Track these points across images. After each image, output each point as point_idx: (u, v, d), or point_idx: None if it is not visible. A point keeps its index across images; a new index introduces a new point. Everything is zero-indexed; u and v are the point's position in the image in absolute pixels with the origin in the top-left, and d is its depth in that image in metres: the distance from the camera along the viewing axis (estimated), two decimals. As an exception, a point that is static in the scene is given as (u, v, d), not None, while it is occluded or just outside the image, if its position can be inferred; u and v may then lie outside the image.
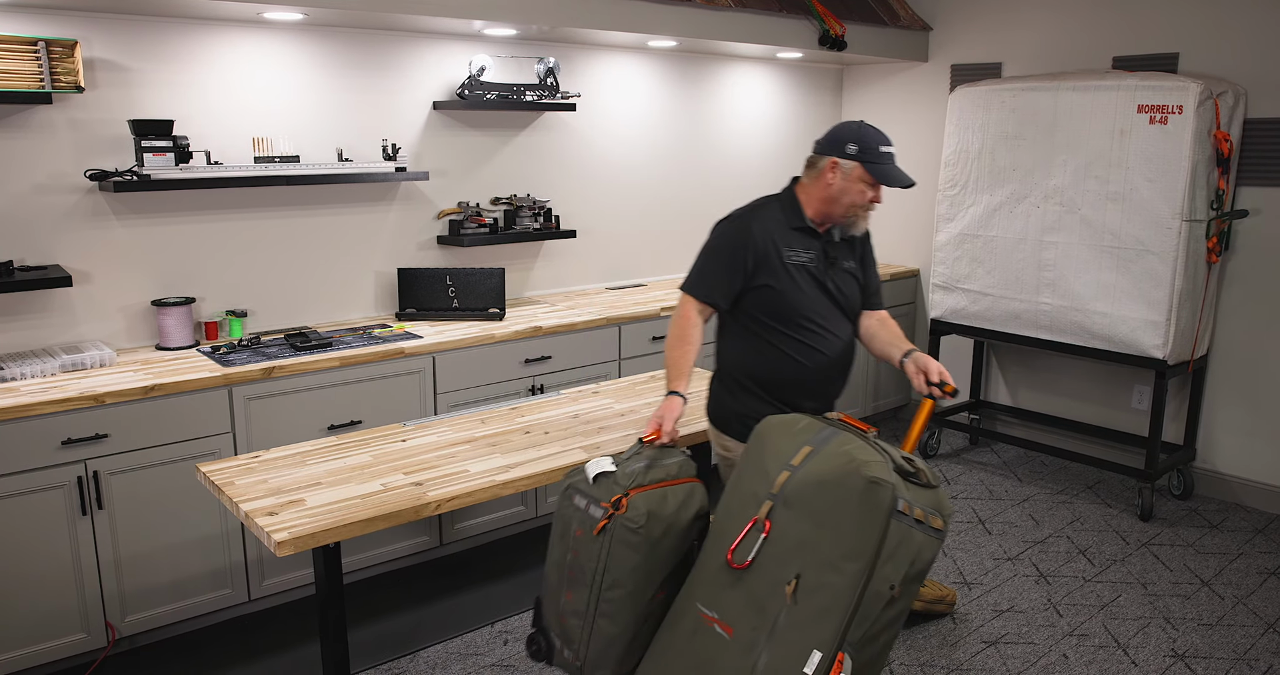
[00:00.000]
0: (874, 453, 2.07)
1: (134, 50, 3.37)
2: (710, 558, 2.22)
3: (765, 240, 2.62)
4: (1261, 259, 4.31)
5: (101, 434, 2.97)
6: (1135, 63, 4.55)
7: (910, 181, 2.60)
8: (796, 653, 1.99)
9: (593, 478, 2.33)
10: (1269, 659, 3.19)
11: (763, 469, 2.19)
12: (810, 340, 2.65)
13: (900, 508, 2.00)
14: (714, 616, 2.14)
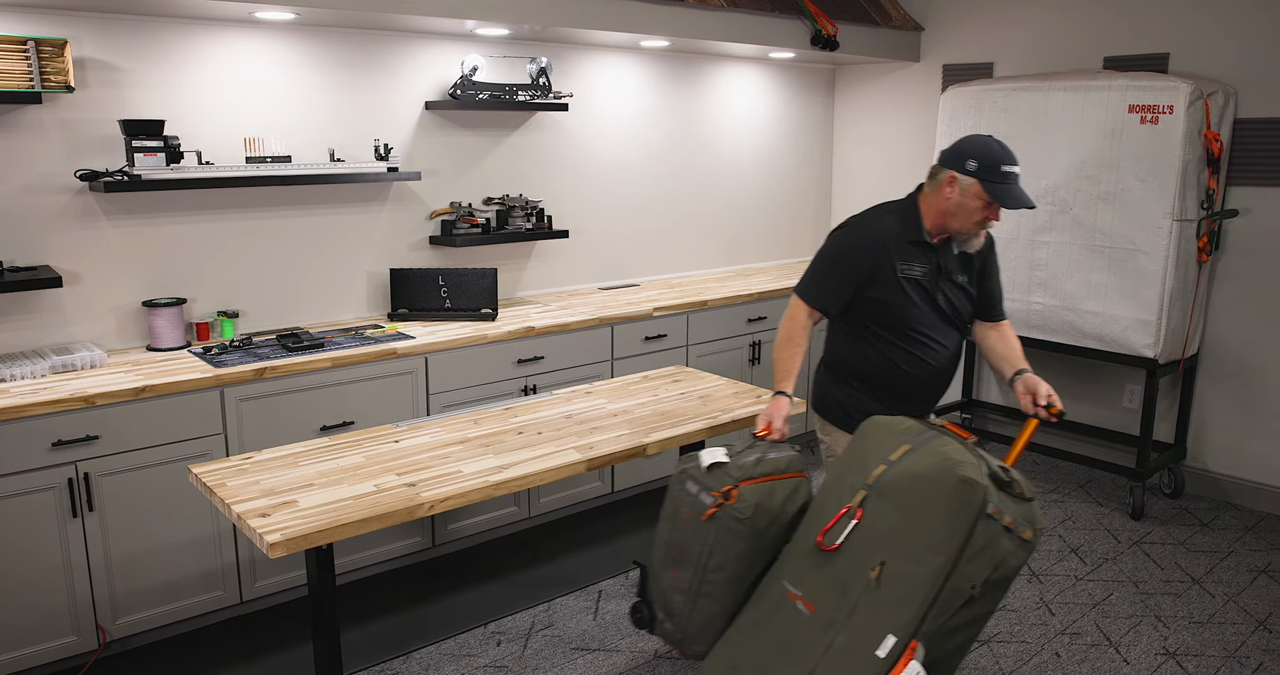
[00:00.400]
0: (970, 456, 2.15)
1: (124, 50, 3.36)
2: (802, 539, 2.34)
3: (880, 253, 2.62)
4: (1251, 258, 4.33)
5: (92, 435, 2.95)
6: (1126, 63, 4.57)
7: (1031, 204, 2.55)
8: (872, 635, 2.07)
9: (706, 466, 2.43)
10: (1259, 656, 3.20)
11: (862, 462, 2.29)
12: (917, 350, 2.68)
13: (990, 511, 2.07)
14: (798, 594, 2.25)
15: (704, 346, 4.58)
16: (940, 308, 2.67)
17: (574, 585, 3.67)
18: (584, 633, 3.34)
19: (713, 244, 5.45)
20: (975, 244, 2.64)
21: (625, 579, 3.73)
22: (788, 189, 5.79)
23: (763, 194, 5.65)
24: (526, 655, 3.20)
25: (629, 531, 4.16)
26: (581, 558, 3.91)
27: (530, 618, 3.45)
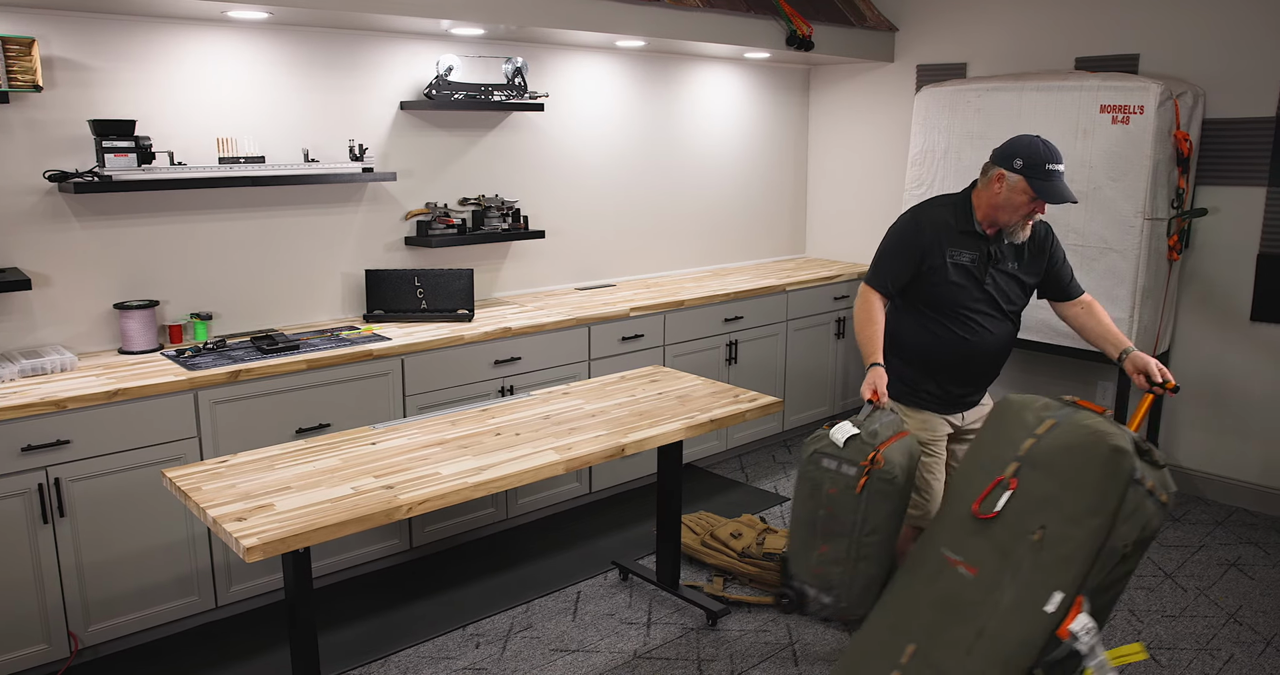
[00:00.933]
0: (1116, 427, 2.33)
1: (94, 49, 3.32)
2: (952, 510, 2.53)
3: (932, 239, 2.89)
4: (1220, 256, 4.39)
5: (63, 440, 2.91)
6: (1097, 63, 4.62)
7: (1073, 198, 2.79)
8: (1039, 592, 2.25)
9: (844, 442, 2.63)
10: (1230, 648, 3.24)
11: (1008, 437, 2.47)
12: (962, 330, 2.92)
13: (1137, 477, 2.24)
14: (958, 559, 2.44)
15: (681, 346, 4.59)
16: (989, 293, 2.91)
17: (553, 586, 3.67)
18: (563, 634, 3.34)
19: (689, 244, 5.46)
20: (1021, 235, 2.88)
21: (604, 579, 3.73)
22: (763, 189, 5.81)
23: (738, 194, 5.66)
24: (506, 657, 3.19)
25: (607, 532, 4.15)
26: (560, 559, 3.90)
27: (509, 619, 3.44)
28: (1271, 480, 4.32)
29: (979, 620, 2.33)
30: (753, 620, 3.43)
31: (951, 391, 3.02)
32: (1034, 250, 2.97)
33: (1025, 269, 2.97)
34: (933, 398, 3.02)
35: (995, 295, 2.92)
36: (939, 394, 3.01)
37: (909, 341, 3.01)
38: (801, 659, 3.19)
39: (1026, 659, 2.25)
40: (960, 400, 3.05)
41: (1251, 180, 4.26)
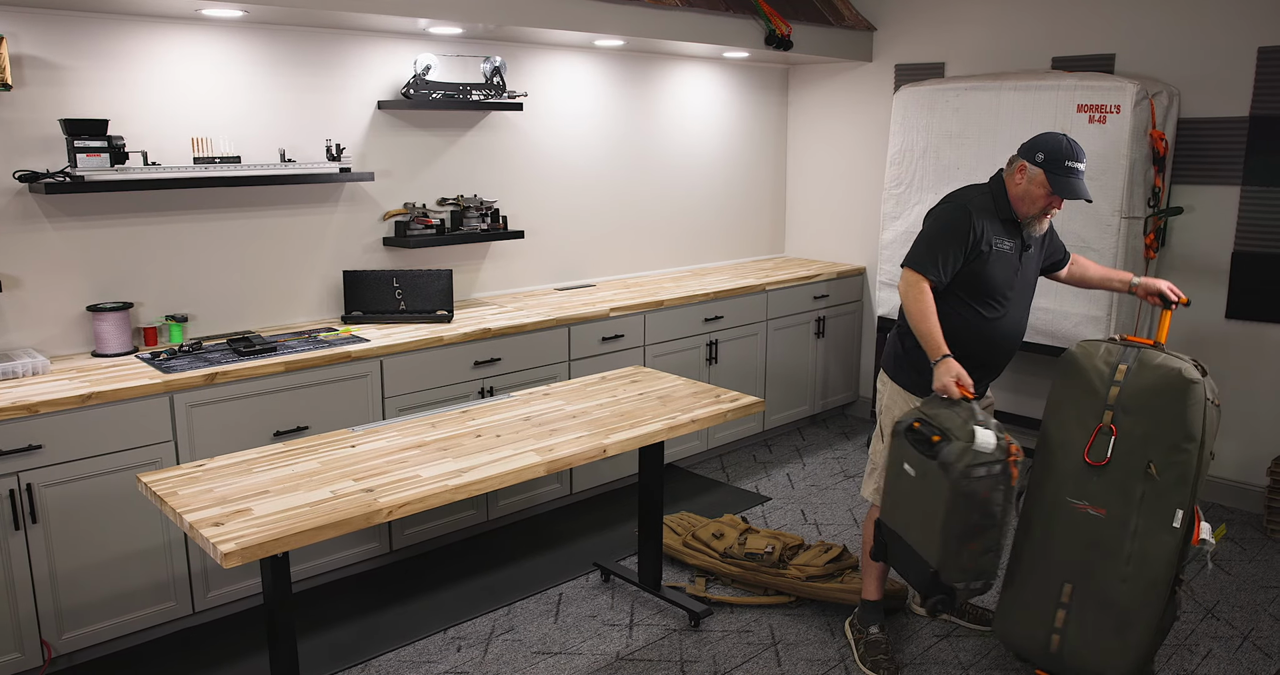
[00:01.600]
0: (1181, 360, 2.77)
1: (65, 47, 3.27)
2: (1062, 463, 2.92)
3: (981, 227, 2.94)
4: (1195, 255, 4.42)
5: (35, 445, 2.86)
6: (1074, 63, 4.65)
7: (1088, 197, 2.90)
8: (1163, 514, 2.76)
9: (994, 446, 2.70)
10: (1208, 643, 3.27)
11: (1090, 389, 2.88)
12: (990, 313, 2.99)
13: (1209, 397, 2.74)
14: (1084, 504, 2.87)
15: (661, 346, 4.58)
16: (1022, 278, 3.02)
17: (534, 588, 3.65)
18: (545, 636, 3.32)
19: (668, 244, 5.45)
20: (1039, 229, 2.98)
21: (585, 581, 3.71)
22: (742, 188, 5.81)
23: (718, 193, 5.66)
24: (487, 660, 3.17)
25: (589, 533, 4.14)
26: (541, 560, 3.88)
27: (490, 622, 3.42)
28: (1247, 476, 4.36)
29: (1123, 550, 2.80)
30: (735, 621, 3.43)
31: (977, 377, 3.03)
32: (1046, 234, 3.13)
33: (1041, 254, 3.13)
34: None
35: (1025, 281, 3.05)
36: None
37: (952, 327, 2.97)
38: (784, 659, 3.18)
39: (1171, 570, 2.78)
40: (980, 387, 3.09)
41: (1226, 179, 4.30)
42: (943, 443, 2.70)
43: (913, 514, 2.83)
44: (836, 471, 4.91)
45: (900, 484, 2.87)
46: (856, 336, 5.71)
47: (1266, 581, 3.72)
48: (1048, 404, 3.04)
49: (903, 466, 2.84)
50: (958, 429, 2.70)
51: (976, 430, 2.68)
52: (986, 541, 2.74)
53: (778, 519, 4.32)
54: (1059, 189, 2.85)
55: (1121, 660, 2.83)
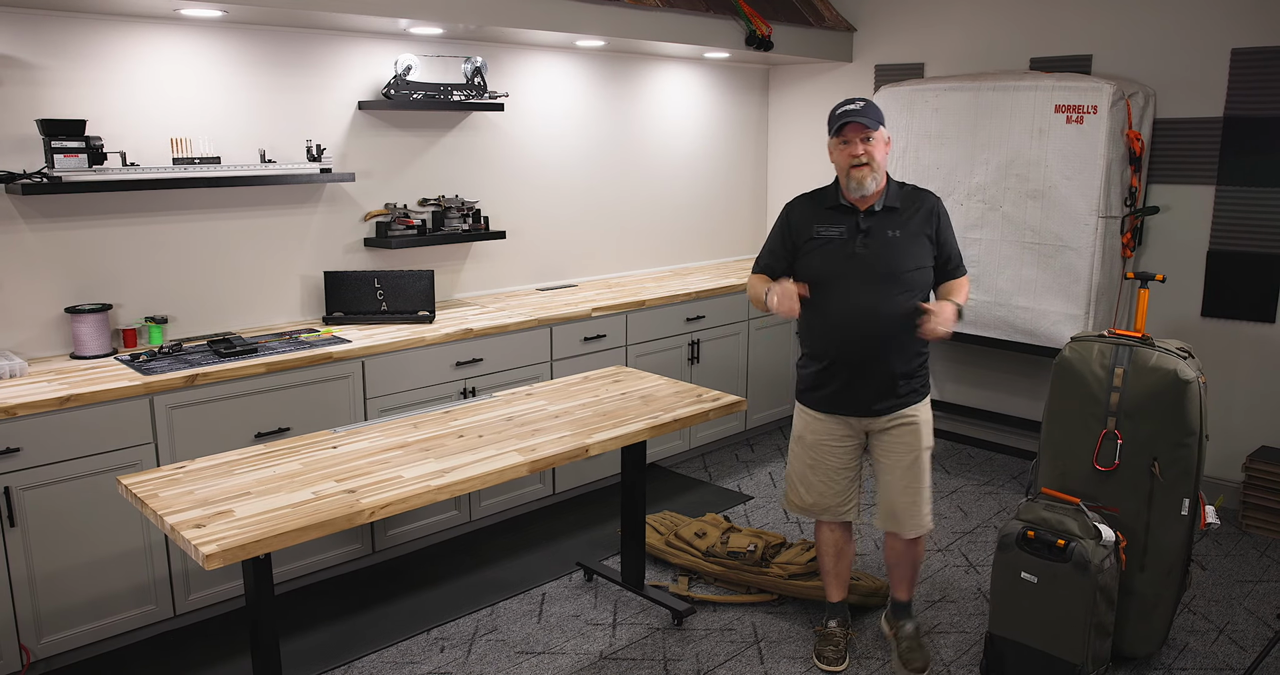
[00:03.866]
0: (1174, 358, 2.91)
1: (42, 47, 3.24)
2: (1075, 468, 3.07)
3: (799, 217, 2.99)
4: (1171, 253, 4.47)
5: (13, 448, 2.84)
6: (1051, 64, 4.69)
7: (853, 111, 2.82)
8: (1172, 505, 2.95)
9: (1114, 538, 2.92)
10: (1184, 637, 3.30)
11: (1090, 396, 3.03)
12: (829, 305, 2.93)
13: (1200, 388, 2.89)
14: (1099, 505, 2.99)
15: (643, 346, 4.59)
16: (863, 261, 2.89)
17: (517, 588, 3.65)
18: (528, 636, 3.32)
19: (650, 244, 5.46)
20: (867, 184, 2.86)
21: (569, 581, 3.71)
22: (723, 188, 5.82)
23: (699, 193, 5.67)
24: (471, 660, 3.17)
25: (572, 533, 4.14)
26: (524, 560, 3.88)
27: (474, 622, 3.42)
28: (1223, 472, 4.40)
29: (1139, 543, 2.99)
30: (718, 619, 3.44)
31: (851, 382, 2.96)
32: (913, 213, 2.94)
33: (909, 233, 2.91)
34: (831, 392, 3.01)
35: (871, 262, 2.88)
36: (838, 388, 2.99)
37: (804, 329, 3.06)
38: (767, 657, 3.20)
39: (1183, 554, 2.99)
40: (859, 395, 2.98)
41: (1200, 179, 4.35)
42: (1071, 545, 2.83)
43: (1041, 620, 2.91)
44: (818, 470, 4.93)
45: (1017, 594, 2.95)
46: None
47: (1241, 576, 3.76)
48: (1048, 408, 3.17)
49: (1020, 576, 2.93)
50: (1079, 529, 2.86)
51: (1101, 528, 2.86)
52: (1110, 626, 2.92)
53: (760, 518, 4.34)
54: (836, 128, 2.85)
55: (1148, 643, 3.09)
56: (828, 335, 2.97)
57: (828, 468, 3.11)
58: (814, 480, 3.12)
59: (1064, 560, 2.83)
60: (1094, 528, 2.86)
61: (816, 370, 3.03)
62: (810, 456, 3.12)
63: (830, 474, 3.11)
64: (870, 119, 2.83)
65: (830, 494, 3.13)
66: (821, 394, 3.04)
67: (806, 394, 3.10)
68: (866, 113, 2.84)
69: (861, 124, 2.83)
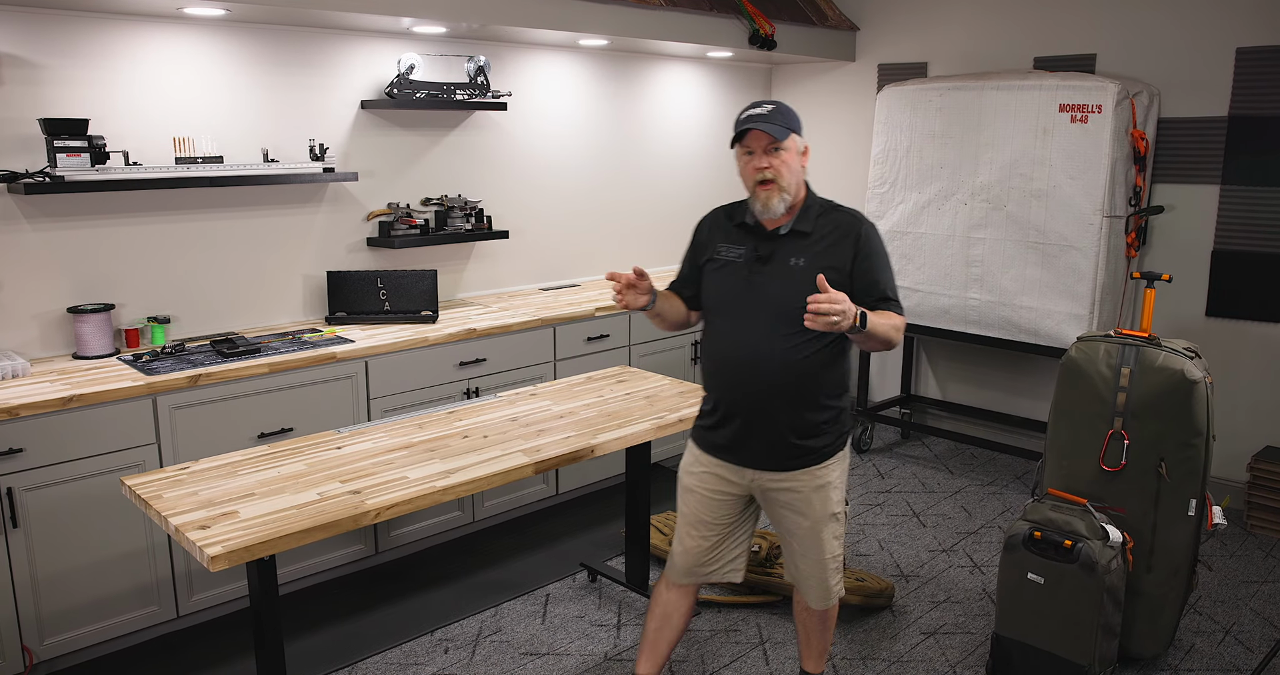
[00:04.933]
0: (1181, 358, 2.90)
1: (45, 46, 3.23)
2: (1081, 468, 3.05)
3: (709, 236, 2.58)
4: (1176, 253, 4.46)
5: (16, 448, 2.83)
6: (1055, 63, 4.68)
7: (757, 116, 2.35)
8: (1179, 505, 2.93)
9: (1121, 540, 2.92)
10: (1190, 638, 3.29)
11: (1096, 396, 3.01)
12: (717, 333, 2.53)
13: (1207, 388, 2.88)
14: (1105, 505, 2.99)
15: (646, 346, 4.58)
16: (758, 295, 2.42)
17: (521, 589, 3.64)
18: (533, 637, 3.31)
19: (652, 243, 5.45)
20: (772, 206, 2.38)
21: (572, 581, 3.70)
22: (727, 187, 5.81)
23: (702, 193, 5.66)
24: (475, 662, 3.16)
25: (576, 533, 4.13)
26: (528, 561, 3.87)
27: (478, 623, 3.41)
28: (1228, 472, 4.39)
29: (1145, 544, 2.97)
30: (723, 620, 3.43)
31: (740, 430, 2.49)
32: (829, 239, 2.42)
33: (816, 264, 2.39)
34: (710, 430, 2.57)
35: (763, 295, 2.41)
36: (714, 425, 2.54)
37: (701, 359, 2.66)
38: (772, 658, 3.19)
39: (1191, 554, 2.99)
40: (749, 446, 2.49)
41: (1205, 178, 4.34)
42: (1078, 546, 2.82)
43: (1048, 621, 2.91)
44: (822, 470, 4.92)
45: (1024, 595, 2.94)
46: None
47: (1247, 576, 3.75)
48: (1054, 408, 3.15)
49: (1026, 577, 2.92)
50: (1087, 530, 2.85)
51: (1108, 528, 2.85)
52: (1117, 627, 2.91)
53: (763, 518, 4.32)
54: (740, 135, 2.38)
55: (1155, 644, 3.08)
56: (715, 374, 2.55)
57: (699, 519, 2.61)
58: (682, 529, 2.65)
59: (1071, 561, 2.83)
60: (1101, 528, 2.85)
61: (705, 408, 2.60)
62: (685, 502, 2.63)
63: (699, 527, 2.61)
64: (777, 126, 2.35)
65: (693, 550, 2.62)
66: (710, 436, 2.57)
67: (696, 429, 2.65)
68: (773, 118, 2.35)
69: (765, 131, 2.34)
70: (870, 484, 4.74)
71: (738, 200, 2.58)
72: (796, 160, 2.41)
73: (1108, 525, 2.87)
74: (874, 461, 5.05)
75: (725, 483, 2.57)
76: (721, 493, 2.58)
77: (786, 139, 2.38)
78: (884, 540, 4.08)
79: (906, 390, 5.44)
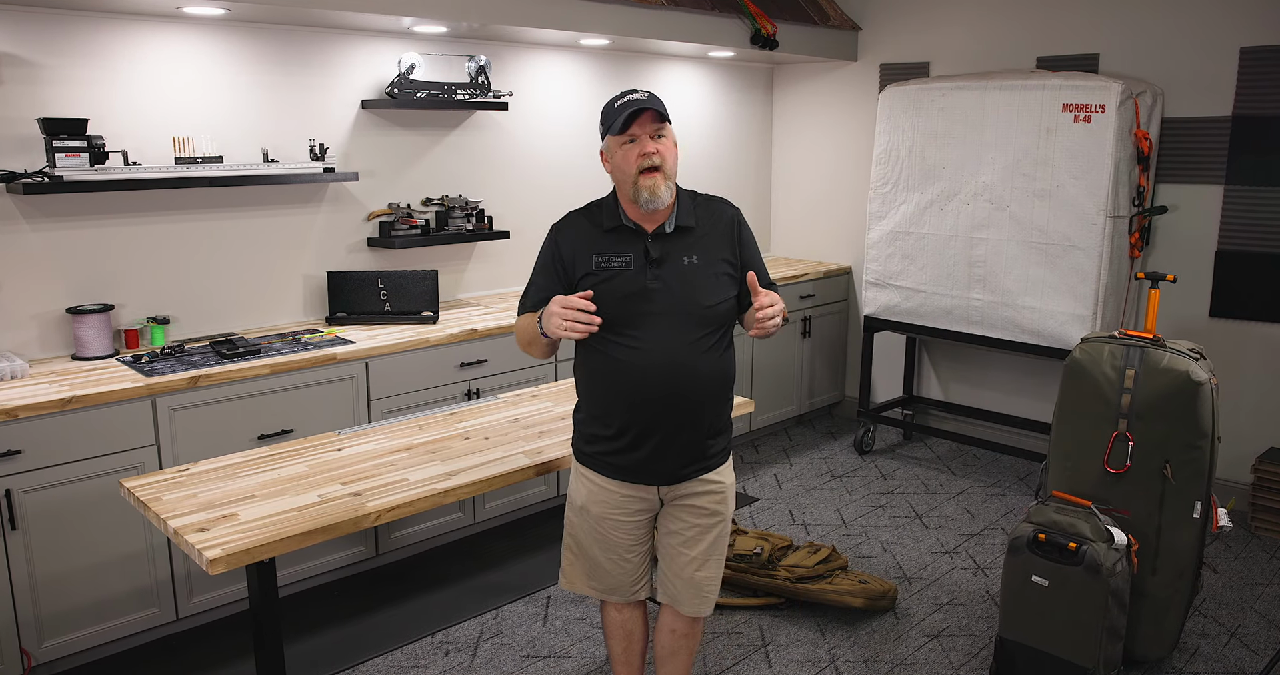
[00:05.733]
0: (1186, 359, 2.89)
1: (44, 45, 3.21)
2: (1085, 470, 3.05)
3: (573, 244, 2.32)
4: (1179, 254, 4.44)
5: (14, 450, 2.81)
6: (1058, 63, 4.66)
7: (637, 107, 2.20)
8: (1184, 508, 2.92)
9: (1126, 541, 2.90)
10: (1195, 641, 3.28)
11: (1100, 397, 3.00)
12: (624, 355, 2.28)
13: (1212, 389, 2.87)
14: (1110, 507, 2.99)
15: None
16: (657, 295, 2.26)
17: (522, 591, 3.62)
18: (534, 639, 3.29)
19: (655, 244, 5.42)
20: (660, 195, 2.23)
21: (575, 583, 3.69)
22: (727, 188, 5.79)
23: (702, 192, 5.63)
24: (476, 664, 3.14)
25: (577, 535, 4.11)
26: (529, 563, 3.85)
27: (479, 626, 3.39)
28: (1233, 474, 4.38)
29: (1150, 546, 2.96)
30: (725, 623, 3.41)
31: (654, 449, 2.32)
32: (711, 231, 2.36)
33: (708, 258, 2.32)
34: (618, 454, 2.36)
35: (669, 300, 2.27)
36: (624, 449, 2.34)
37: (584, 385, 2.41)
38: (775, 660, 3.17)
39: (1196, 556, 2.98)
40: (664, 462, 2.34)
41: (1209, 178, 4.33)
42: (1083, 548, 2.80)
43: (1052, 623, 2.89)
44: (824, 471, 4.90)
45: (1028, 597, 2.93)
46: (843, 336, 5.70)
47: (1252, 579, 3.73)
48: (1058, 410, 3.14)
49: (1030, 579, 2.90)
50: (1091, 532, 2.83)
51: (1113, 531, 2.83)
52: (1122, 630, 2.87)
53: (766, 519, 4.31)
54: (618, 124, 2.21)
55: (1159, 646, 3.07)
56: (620, 396, 2.30)
57: (618, 546, 2.46)
58: (601, 559, 2.48)
59: (1076, 563, 2.81)
60: (1106, 530, 2.83)
61: (605, 434, 2.37)
62: (596, 532, 2.45)
63: (621, 553, 2.47)
64: (661, 107, 2.23)
65: (620, 575, 2.50)
66: (617, 460, 2.37)
67: (594, 457, 2.41)
68: (654, 102, 2.22)
69: (656, 113, 2.21)
70: (872, 485, 4.72)
71: (587, 205, 2.40)
72: (674, 151, 2.29)
73: (1112, 527, 2.85)
74: (876, 463, 5.04)
75: (641, 502, 2.41)
76: (640, 513, 2.43)
77: (667, 125, 2.26)
78: (886, 542, 4.06)
79: (909, 391, 5.42)
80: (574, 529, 2.50)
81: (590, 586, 2.53)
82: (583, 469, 2.45)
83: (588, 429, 2.42)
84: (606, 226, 2.31)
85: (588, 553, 2.50)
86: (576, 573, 2.54)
